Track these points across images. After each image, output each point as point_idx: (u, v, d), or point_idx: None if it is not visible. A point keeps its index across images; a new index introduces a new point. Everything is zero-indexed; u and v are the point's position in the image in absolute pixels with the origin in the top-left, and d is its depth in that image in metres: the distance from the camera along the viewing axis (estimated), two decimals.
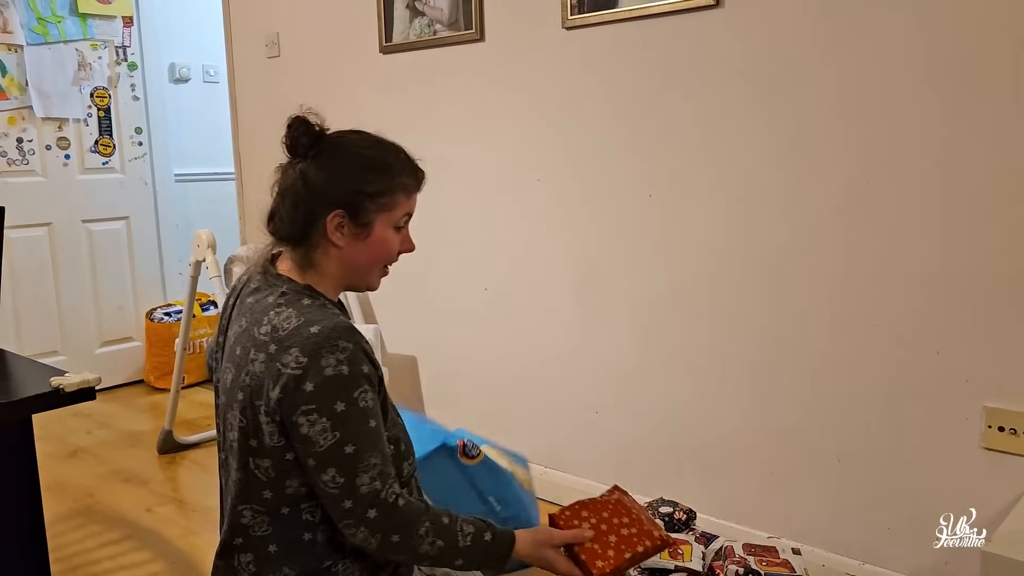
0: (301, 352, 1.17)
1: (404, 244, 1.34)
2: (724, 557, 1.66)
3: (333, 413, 1.17)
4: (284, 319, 1.21)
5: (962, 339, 1.77)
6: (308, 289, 1.27)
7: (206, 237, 2.76)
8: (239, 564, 1.29)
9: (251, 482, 1.24)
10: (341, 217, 1.25)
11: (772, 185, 2.02)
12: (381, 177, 1.28)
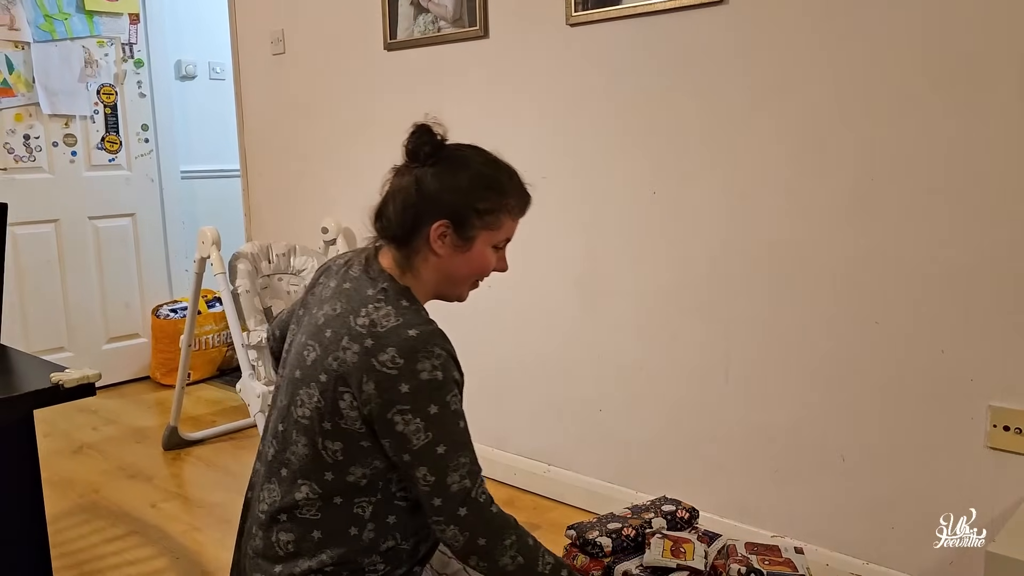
0: (398, 353, 1.21)
1: (499, 264, 1.39)
2: (727, 556, 1.65)
3: (427, 415, 1.22)
4: (383, 316, 1.25)
5: (967, 338, 1.76)
6: (406, 292, 1.31)
7: (211, 234, 2.76)
8: (276, 540, 1.32)
9: (317, 461, 1.27)
10: (446, 227, 1.29)
11: (776, 183, 2.00)
12: (492, 195, 1.31)
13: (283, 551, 1.31)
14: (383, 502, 1.31)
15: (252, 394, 2.56)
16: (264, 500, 1.34)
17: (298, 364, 1.31)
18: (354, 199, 3.13)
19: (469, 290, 1.40)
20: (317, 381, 1.26)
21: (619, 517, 1.81)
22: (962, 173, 1.73)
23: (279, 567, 1.31)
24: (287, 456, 1.31)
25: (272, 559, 1.32)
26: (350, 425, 1.25)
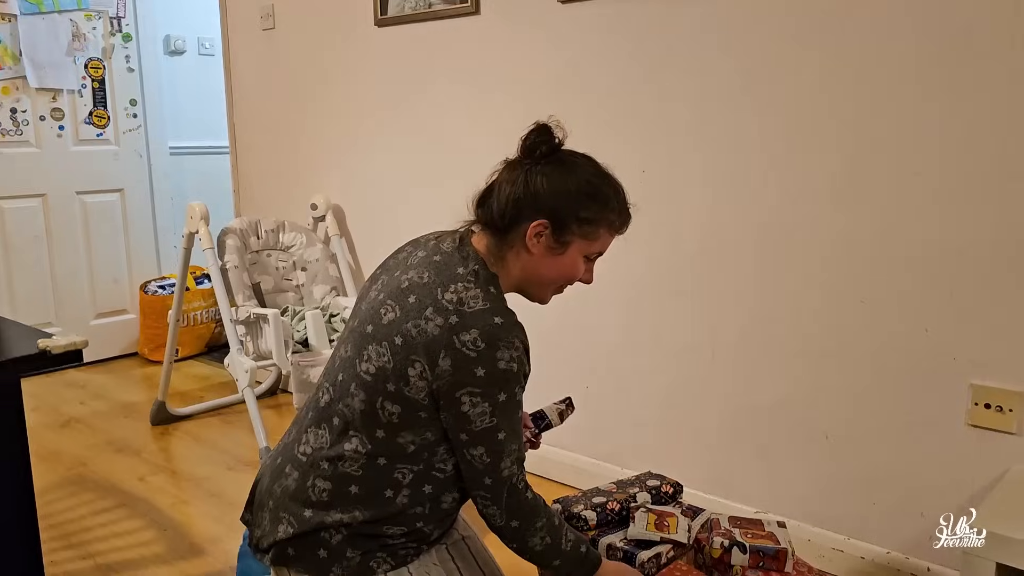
0: (481, 337, 1.24)
1: (586, 276, 1.42)
2: (710, 529, 1.67)
3: (496, 402, 1.26)
4: (471, 297, 1.28)
5: (950, 317, 1.78)
6: (495, 279, 1.34)
7: (199, 209, 2.75)
8: (312, 485, 1.34)
9: (372, 418, 1.30)
10: (544, 227, 1.31)
11: (765, 164, 2.01)
12: (596, 206, 1.34)
13: (316, 497, 1.34)
14: (423, 472, 1.34)
15: (240, 369, 2.57)
16: (308, 443, 1.37)
17: (371, 320, 1.33)
18: (344, 176, 3.12)
19: (552, 294, 1.43)
20: (391, 342, 1.28)
21: (604, 491, 1.83)
22: (947, 155, 1.74)
23: (309, 512, 1.34)
24: (341, 407, 1.33)
25: (303, 503, 1.35)
26: (414, 393, 1.27)
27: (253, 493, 1.48)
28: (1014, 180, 1.67)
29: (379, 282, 1.40)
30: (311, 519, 1.34)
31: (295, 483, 1.36)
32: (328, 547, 1.34)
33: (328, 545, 1.34)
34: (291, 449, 1.41)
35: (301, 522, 1.34)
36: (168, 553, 2.13)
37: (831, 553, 2.00)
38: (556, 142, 1.35)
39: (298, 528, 1.34)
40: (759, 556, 1.57)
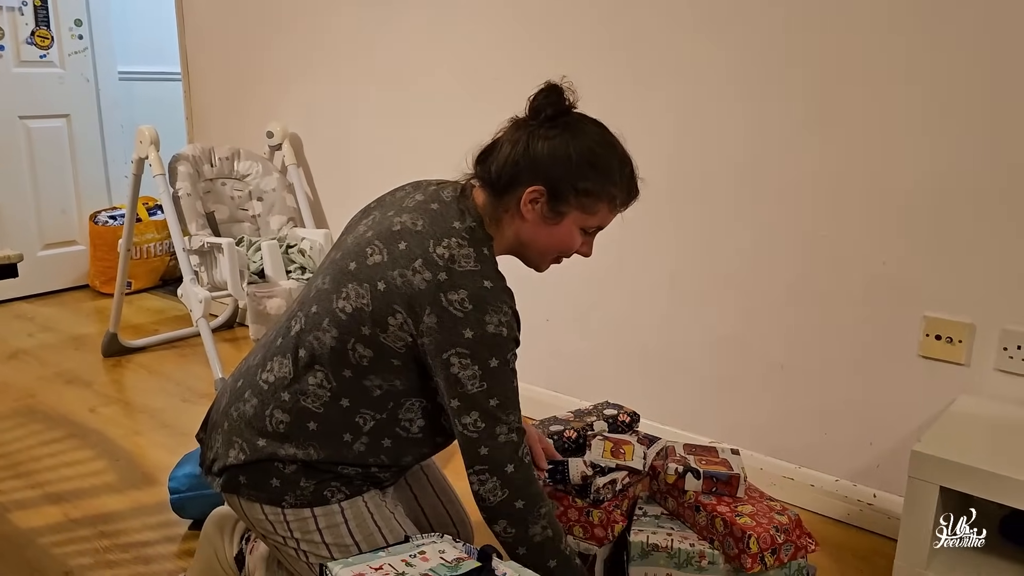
0: (469, 298, 1.21)
1: (583, 248, 1.37)
2: (665, 456, 1.69)
3: (486, 366, 1.22)
4: (464, 256, 1.24)
5: (907, 251, 1.79)
6: (490, 241, 1.29)
7: (149, 133, 2.65)
8: (270, 415, 1.31)
9: (341, 357, 1.27)
10: (539, 194, 1.26)
11: (730, 99, 1.99)
12: (597, 178, 1.28)
13: (272, 428, 1.31)
14: (386, 423, 1.31)
15: (194, 299, 2.51)
16: (272, 371, 1.33)
17: (355, 257, 1.29)
18: (301, 104, 3.03)
19: (549, 264, 1.40)
20: (373, 286, 1.24)
21: (561, 420, 1.83)
22: (910, 91, 1.73)
23: (263, 441, 1.31)
24: (311, 339, 1.30)
25: (258, 431, 1.32)
26: (391, 342, 1.25)
27: (210, 412, 1.45)
28: (971, 117, 1.67)
29: (370, 217, 1.35)
30: (264, 448, 1.31)
31: (253, 410, 1.33)
32: (281, 476, 1.32)
33: (281, 474, 1.32)
34: (253, 373, 1.37)
35: (254, 450, 1.32)
36: (120, 482, 2.11)
37: (782, 481, 2.04)
38: (565, 105, 1.28)
39: (250, 455, 1.32)
40: (712, 482, 1.59)
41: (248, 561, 1.53)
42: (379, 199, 1.41)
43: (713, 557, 1.51)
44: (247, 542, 1.55)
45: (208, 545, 1.56)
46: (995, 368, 1.72)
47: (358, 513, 1.35)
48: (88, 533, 1.86)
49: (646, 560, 1.54)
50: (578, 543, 1.67)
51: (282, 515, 1.33)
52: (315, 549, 1.34)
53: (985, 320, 1.72)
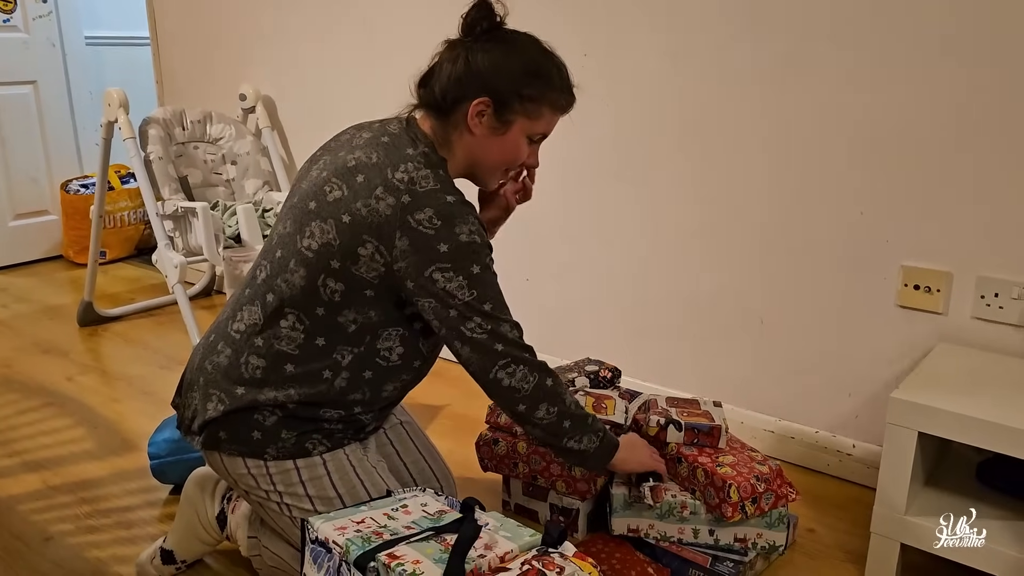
0: (436, 215, 1.22)
1: (531, 158, 1.38)
2: (647, 409, 1.69)
3: (470, 274, 1.25)
4: (423, 177, 1.25)
5: (884, 200, 1.79)
6: (444, 163, 1.32)
7: (118, 96, 2.59)
8: (246, 362, 1.32)
9: (312, 295, 1.28)
10: (485, 106, 1.28)
11: (705, 47, 1.96)
12: (539, 84, 1.30)
13: (249, 375, 1.32)
14: (364, 356, 1.32)
15: (169, 265, 2.48)
16: (243, 320, 1.34)
17: (315, 197, 1.29)
18: (274, 66, 2.97)
19: (499, 180, 1.42)
20: (337, 220, 1.25)
21: None
22: (883, 39, 1.72)
23: (242, 389, 1.32)
24: (279, 283, 1.30)
25: (236, 380, 1.33)
26: (363, 272, 1.26)
27: (184, 374, 1.44)
28: (945, 65, 1.66)
29: (320, 162, 1.35)
30: (243, 396, 1.31)
31: (228, 360, 1.34)
32: (262, 428, 1.32)
33: (262, 427, 1.32)
34: (224, 326, 1.38)
35: (233, 399, 1.32)
36: (99, 449, 2.09)
37: (762, 434, 2.06)
38: (497, 19, 1.31)
39: (229, 405, 1.32)
40: (694, 433, 1.60)
41: (230, 520, 1.53)
42: (324, 145, 1.42)
43: (694, 507, 1.52)
44: (228, 502, 1.55)
45: (189, 506, 1.55)
46: (972, 316, 1.73)
47: (340, 466, 1.35)
48: (68, 500, 1.85)
49: (628, 512, 1.55)
50: (561, 498, 1.68)
51: (265, 468, 1.33)
52: (298, 502, 1.34)
53: (962, 268, 1.73)
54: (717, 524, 1.52)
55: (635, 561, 1.52)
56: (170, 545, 1.57)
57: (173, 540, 1.57)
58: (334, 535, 1.16)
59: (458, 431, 2.19)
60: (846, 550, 1.69)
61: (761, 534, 1.53)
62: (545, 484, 1.68)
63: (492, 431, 1.76)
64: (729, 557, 1.52)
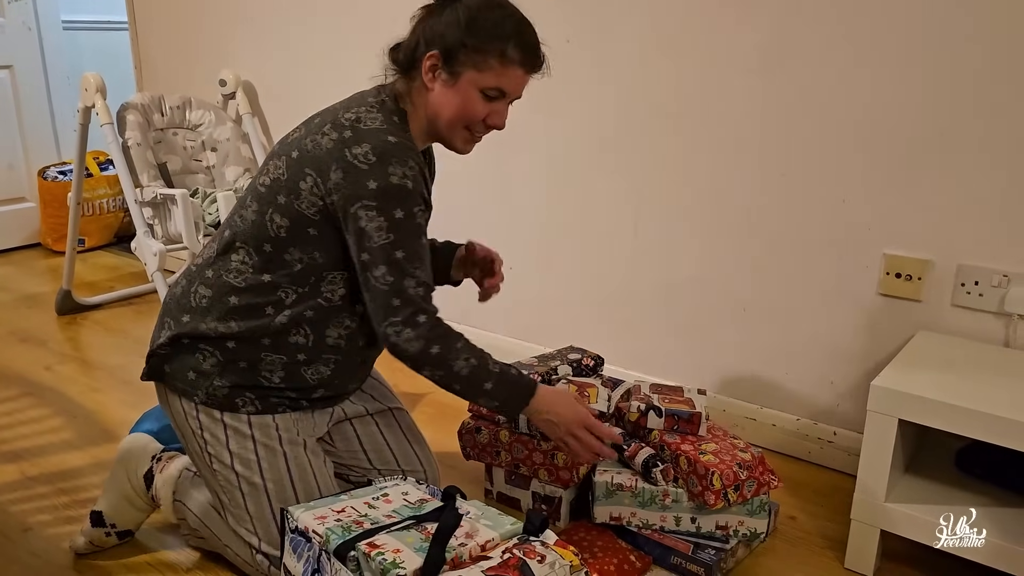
0: (372, 151, 1.24)
1: (493, 118, 1.35)
2: (630, 396, 1.69)
3: (391, 217, 1.25)
4: (371, 118, 1.29)
5: (867, 188, 1.80)
6: (402, 113, 1.34)
7: (95, 80, 2.55)
8: (195, 291, 1.38)
9: (261, 230, 1.32)
10: (436, 59, 1.30)
11: (688, 34, 1.96)
12: (483, 33, 1.29)
13: (196, 303, 1.36)
14: (308, 295, 1.35)
15: (148, 252, 2.45)
16: (201, 255, 1.41)
17: (280, 142, 1.36)
18: (254, 51, 2.94)
19: (464, 141, 1.38)
20: (288, 156, 1.31)
21: (526, 365, 1.83)
22: (865, 28, 1.72)
23: (187, 317, 1.37)
24: (235, 219, 1.36)
25: (184, 308, 1.38)
26: (304, 208, 1.28)
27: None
28: (926, 52, 1.66)
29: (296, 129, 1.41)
30: (187, 324, 1.36)
31: (181, 290, 1.40)
32: (199, 370, 1.36)
33: (199, 368, 1.36)
34: (190, 263, 1.46)
35: (179, 326, 1.37)
36: (78, 439, 2.06)
37: (744, 422, 2.06)
38: None
39: (174, 331, 1.36)
40: (674, 419, 1.60)
41: (156, 480, 1.55)
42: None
43: (676, 495, 1.53)
44: (157, 462, 1.57)
45: (120, 465, 1.58)
46: (952, 304, 1.74)
47: (266, 433, 1.38)
48: (47, 490, 1.83)
49: (611, 500, 1.56)
50: (543, 486, 1.68)
51: (195, 410, 1.37)
52: (220, 454, 1.38)
53: (943, 256, 1.74)
54: (699, 512, 1.53)
55: (617, 549, 1.52)
56: (100, 506, 1.57)
57: (103, 501, 1.58)
58: (314, 524, 1.15)
59: (440, 419, 2.18)
60: (826, 537, 1.70)
61: (743, 521, 1.53)
62: (527, 472, 1.68)
63: (474, 419, 1.75)
64: (711, 544, 1.52)
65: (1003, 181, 1.64)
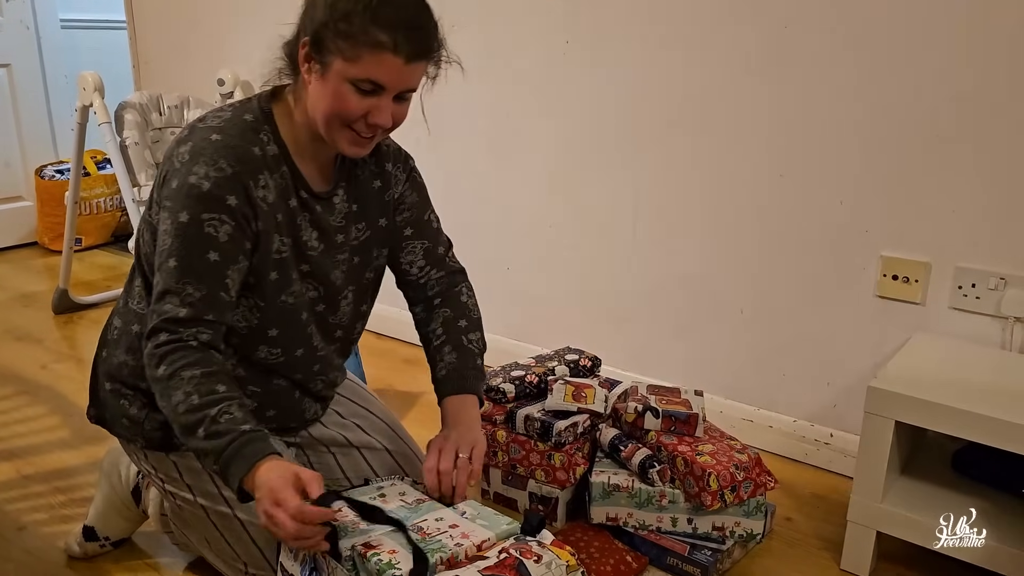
0: (190, 150, 1.14)
1: (376, 116, 1.14)
2: (627, 398, 1.69)
3: (176, 220, 1.12)
4: (215, 115, 1.19)
5: (865, 190, 1.80)
6: (265, 114, 1.20)
7: (92, 79, 2.55)
8: (110, 324, 1.35)
9: (139, 252, 1.26)
10: (308, 47, 1.14)
11: (688, 36, 1.96)
12: (353, 19, 1.09)
13: (110, 336, 1.33)
14: None
15: None
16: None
17: None
18: (254, 50, 2.93)
19: (349, 142, 1.18)
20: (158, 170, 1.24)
21: (523, 365, 1.83)
22: (863, 31, 1.72)
23: (105, 351, 1.34)
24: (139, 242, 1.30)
25: (102, 342, 1.35)
26: (156, 220, 1.19)
27: None
28: (924, 55, 1.66)
29: None
30: (104, 359, 1.34)
31: (105, 326, 1.37)
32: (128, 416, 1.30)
33: (128, 414, 1.30)
34: None
35: (98, 361, 1.35)
36: (74, 438, 2.06)
37: (741, 423, 2.06)
38: None
39: (96, 372, 1.35)
40: (671, 420, 1.60)
41: (144, 495, 1.53)
42: None
43: (673, 496, 1.53)
44: (144, 477, 1.53)
45: (106, 480, 1.55)
46: (949, 306, 1.74)
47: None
48: (42, 489, 1.82)
49: (607, 500, 1.55)
50: (540, 486, 1.68)
51: (144, 454, 1.33)
52: (180, 491, 1.33)
53: (940, 258, 1.74)
54: (695, 512, 1.53)
55: (614, 549, 1.52)
56: (91, 521, 1.55)
57: (94, 516, 1.55)
58: None
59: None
60: (823, 538, 1.70)
61: (739, 522, 1.53)
62: (524, 473, 1.68)
63: None
64: (707, 545, 1.52)
65: (1001, 184, 1.65)
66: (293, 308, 1.26)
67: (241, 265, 1.17)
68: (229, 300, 1.16)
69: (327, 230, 1.28)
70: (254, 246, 1.18)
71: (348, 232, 1.33)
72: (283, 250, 1.23)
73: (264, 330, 1.25)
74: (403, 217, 1.43)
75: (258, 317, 1.24)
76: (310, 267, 1.27)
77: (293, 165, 1.22)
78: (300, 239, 1.24)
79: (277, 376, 1.32)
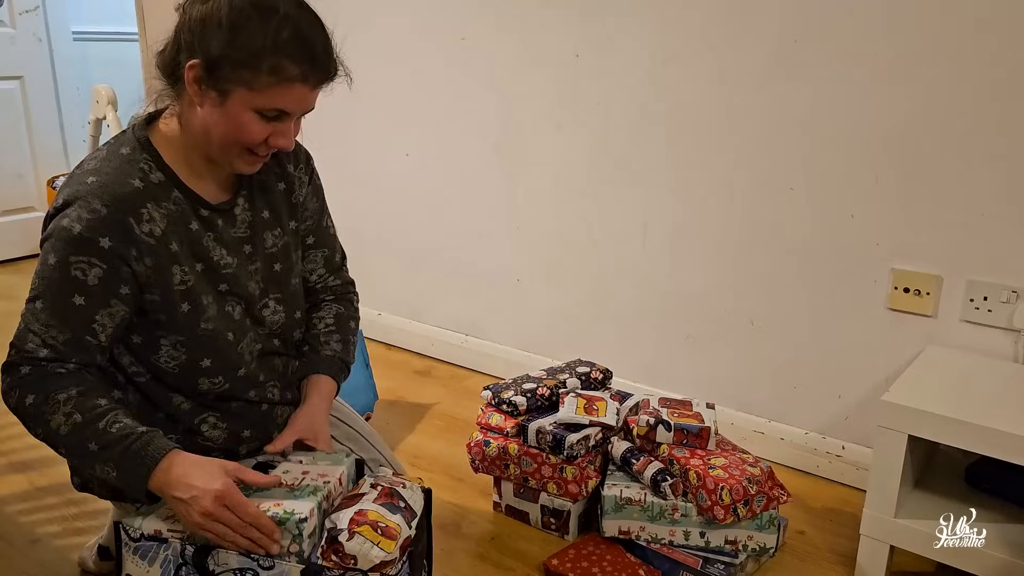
0: (66, 196, 1.11)
1: (277, 139, 1.12)
2: (638, 410, 1.69)
3: (44, 262, 1.10)
4: (92, 158, 1.14)
5: (875, 203, 1.80)
6: (143, 143, 1.15)
7: (106, 92, 2.58)
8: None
9: None
10: (199, 69, 1.07)
11: (699, 47, 1.97)
12: (250, 44, 1.05)
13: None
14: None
15: None
16: None
17: None
18: None
19: (246, 164, 1.16)
20: None
21: (534, 378, 1.83)
22: (877, 43, 1.73)
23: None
24: None
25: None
26: None
27: None
28: (938, 68, 1.67)
29: None
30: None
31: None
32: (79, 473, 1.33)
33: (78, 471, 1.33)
34: None
35: None
36: None
37: (752, 436, 2.06)
38: None
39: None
40: (683, 434, 1.60)
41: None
42: None
43: (686, 510, 1.53)
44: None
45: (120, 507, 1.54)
46: (961, 319, 1.74)
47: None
48: (56, 501, 1.83)
49: (620, 513, 1.55)
50: (552, 499, 1.68)
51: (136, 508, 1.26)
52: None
53: (952, 272, 1.74)
54: (708, 526, 1.53)
55: (626, 563, 1.52)
56: (106, 541, 1.54)
57: (109, 535, 1.54)
58: (165, 525, 1.15)
59: (449, 431, 2.18)
60: (836, 552, 1.69)
61: (752, 536, 1.53)
62: (536, 486, 1.68)
63: (483, 432, 1.75)
64: (720, 559, 1.52)
65: (1013, 196, 1.64)
66: (215, 333, 1.21)
67: (115, 309, 1.12)
68: (97, 344, 1.13)
69: (231, 243, 1.24)
70: (142, 286, 1.14)
71: (258, 241, 1.29)
72: (187, 279, 1.18)
73: (196, 363, 1.21)
74: (306, 225, 1.40)
75: (184, 353, 1.20)
76: (228, 285, 1.24)
77: (185, 188, 1.18)
78: (211, 260, 1.21)
79: (232, 400, 1.28)
